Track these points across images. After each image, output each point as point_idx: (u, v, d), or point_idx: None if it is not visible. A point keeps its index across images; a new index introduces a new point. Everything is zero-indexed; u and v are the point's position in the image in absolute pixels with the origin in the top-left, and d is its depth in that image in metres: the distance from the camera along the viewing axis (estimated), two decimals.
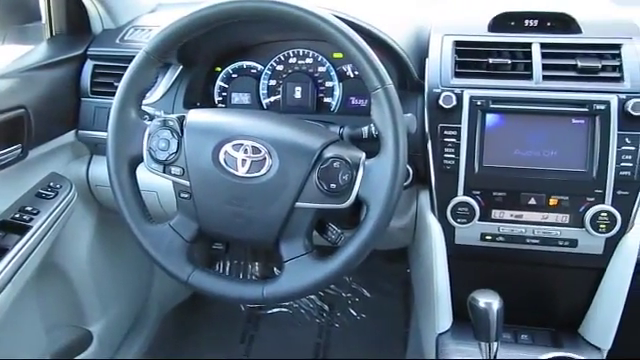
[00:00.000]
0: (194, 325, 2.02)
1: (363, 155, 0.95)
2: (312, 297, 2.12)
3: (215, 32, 1.17)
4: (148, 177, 1.02)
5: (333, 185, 0.93)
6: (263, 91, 1.35)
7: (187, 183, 0.98)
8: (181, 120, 1.00)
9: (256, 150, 0.95)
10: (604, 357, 1.20)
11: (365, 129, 1.04)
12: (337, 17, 0.95)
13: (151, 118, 1.04)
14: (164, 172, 1.00)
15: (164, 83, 1.31)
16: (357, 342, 1.96)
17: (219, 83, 1.36)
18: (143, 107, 1.06)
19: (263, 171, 0.95)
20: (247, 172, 0.95)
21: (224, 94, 1.37)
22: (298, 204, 0.95)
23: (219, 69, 1.36)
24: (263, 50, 1.34)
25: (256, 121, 1.00)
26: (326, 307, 2.10)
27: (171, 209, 1.06)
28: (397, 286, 2.04)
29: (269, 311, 2.09)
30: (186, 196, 1.00)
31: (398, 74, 1.20)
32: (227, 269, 2.18)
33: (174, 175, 0.99)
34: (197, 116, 1.01)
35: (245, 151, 0.95)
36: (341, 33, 0.92)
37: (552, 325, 1.26)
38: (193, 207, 0.99)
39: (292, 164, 0.94)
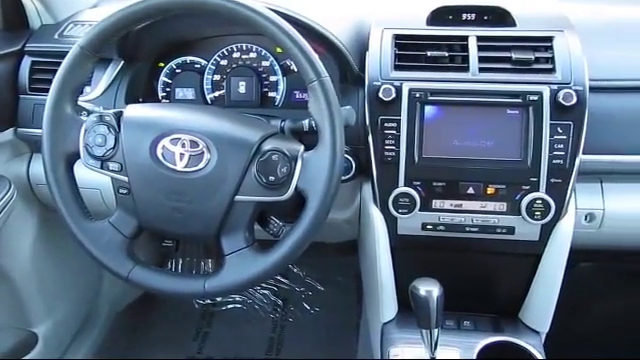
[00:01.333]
0: (146, 324, 2.00)
1: (301, 147, 0.96)
2: (266, 292, 2.12)
3: (156, 27, 1.16)
4: (90, 175, 1.01)
5: (272, 178, 0.94)
6: (207, 86, 1.34)
7: (125, 179, 0.98)
8: (118, 115, 1.00)
9: (194, 144, 0.95)
10: (542, 340, 1.24)
11: (306, 122, 1.05)
12: (273, 10, 0.96)
13: (89, 114, 1.03)
14: (102, 168, 0.99)
15: (105, 79, 1.29)
16: (311, 336, 1.97)
17: (162, 78, 1.35)
18: (81, 103, 1.05)
19: (201, 165, 0.95)
20: (185, 166, 0.95)
21: (168, 89, 1.36)
22: (237, 197, 0.95)
23: (162, 64, 1.35)
24: (206, 45, 1.34)
25: (194, 115, 1.00)
26: (280, 302, 2.11)
27: (115, 206, 1.05)
28: (350, 278, 2.06)
29: (223, 307, 2.08)
30: (125, 192, 0.99)
31: (339, 68, 1.22)
32: (179, 267, 2.16)
33: (112, 171, 0.98)
34: (134, 111, 1.00)
35: (183, 145, 0.95)
36: (276, 26, 0.93)
37: (494, 311, 1.29)
38: (132, 203, 0.99)
39: (230, 157, 0.95)
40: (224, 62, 1.34)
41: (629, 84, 1.18)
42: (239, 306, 2.09)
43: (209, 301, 2.10)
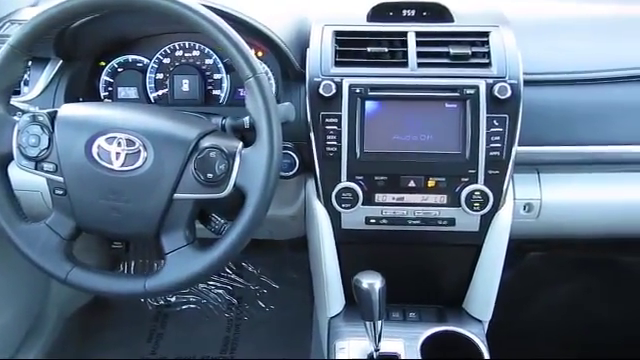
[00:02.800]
0: (99, 327, 1.98)
1: (240, 144, 0.96)
2: (220, 292, 2.12)
3: (94, 25, 1.15)
4: (30, 176, 0.99)
5: (210, 175, 0.94)
6: (150, 85, 1.33)
7: (61, 179, 0.96)
8: (52, 115, 0.98)
9: (130, 143, 0.95)
10: (485, 329, 1.27)
11: (246, 119, 1.05)
12: (209, 7, 0.96)
13: (24, 114, 1.01)
14: (36, 169, 0.97)
15: (43, 79, 1.26)
16: (266, 333, 1.98)
17: (104, 78, 1.33)
18: (16, 103, 1.03)
19: (138, 164, 0.94)
20: (122, 165, 0.95)
21: (110, 89, 1.33)
22: (176, 195, 0.95)
23: (103, 63, 1.33)
24: (148, 43, 1.32)
25: (130, 113, 0.99)
26: (235, 301, 2.10)
27: None
28: (304, 275, 2.06)
29: (177, 308, 2.07)
30: (61, 192, 0.98)
31: (280, 64, 1.22)
32: (132, 269, 2.14)
33: (47, 172, 0.97)
34: (68, 110, 0.99)
35: (119, 144, 0.95)
36: (209, 23, 0.93)
37: (439, 302, 1.32)
38: (69, 203, 0.97)
39: (168, 155, 0.94)
40: (167, 60, 1.32)
41: (563, 77, 1.21)
42: (193, 306, 2.08)
43: (162, 302, 2.09)
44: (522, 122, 1.12)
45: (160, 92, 1.33)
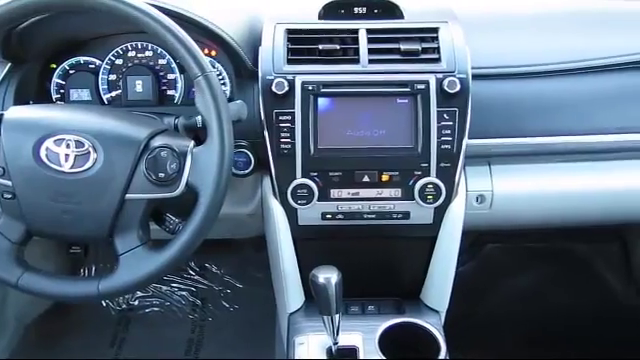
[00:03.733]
0: (60, 333, 1.94)
1: (191, 143, 0.97)
2: (184, 293, 2.10)
3: (42, 26, 1.14)
4: None
5: (162, 174, 0.94)
6: (103, 86, 1.31)
7: (9, 183, 0.95)
8: None
9: (79, 144, 0.94)
10: (442, 319, 1.29)
11: (199, 118, 1.05)
12: (157, 7, 0.96)
13: None
14: None
15: None
16: (230, 333, 1.98)
17: (55, 80, 1.31)
18: None
19: (88, 165, 0.94)
20: (72, 167, 0.94)
21: (62, 91, 1.32)
22: (128, 196, 0.95)
23: (54, 65, 1.31)
24: (100, 44, 1.31)
25: (78, 115, 0.98)
26: (199, 302, 2.09)
27: None
28: (267, 274, 2.06)
29: (140, 312, 2.05)
30: (9, 196, 0.96)
31: (232, 63, 1.22)
32: (92, 273, 2.11)
33: None
34: (15, 113, 0.98)
35: (68, 146, 0.94)
36: (157, 22, 0.93)
37: (398, 294, 1.34)
38: (18, 207, 0.96)
39: (118, 156, 0.94)
40: (119, 61, 1.31)
41: (511, 71, 1.24)
42: (157, 309, 2.06)
43: (125, 306, 2.06)
44: (472, 115, 1.15)
45: (113, 93, 1.31)
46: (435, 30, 1.20)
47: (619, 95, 1.27)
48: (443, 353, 1.17)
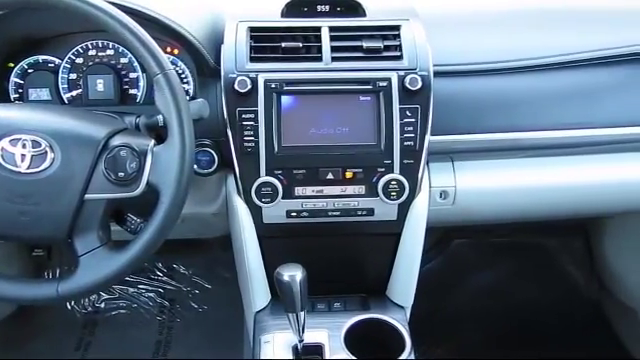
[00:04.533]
0: (24, 338, 1.91)
1: (151, 142, 0.96)
2: (151, 295, 2.08)
3: None
4: None
5: (121, 174, 0.93)
6: (63, 85, 1.29)
7: None
8: None
9: (36, 144, 0.92)
10: (407, 314, 1.30)
11: (160, 117, 1.04)
12: (114, 4, 0.94)
13: None
14: None
15: None
16: (199, 334, 1.96)
17: (13, 79, 1.28)
18: None
19: (45, 165, 0.92)
20: (28, 167, 0.92)
21: (20, 90, 1.29)
22: (87, 196, 0.94)
23: (12, 64, 1.28)
24: (60, 43, 1.28)
25: (35, 114, 0.96)
26: (166, 303, 2.07)
27: None
28: (235, 273, 2.06)
29: (106, 314, 2.02)
30: None
31: (194, 62, 1.21)
32: (57, 276, 2.07)
33: None
34: None
35: (24, 146, 0.92)
36: (115, 20, 0.92)
37: (364, 291, 1.34)
38: None
39: (76, 156, 0.93)
40: (80, 60, 1.29)
41: (472, 68, 1.26)
42: (124, 311, 2.04)
43: (91, 309, 2.03)
44: (435, 112, 1.16)
45: (74, 93, 1.29)
46: (397, 28, 1.21)
47: (576, 91, 1.29)
48: (408, 348, 1.18)
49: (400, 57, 1.18)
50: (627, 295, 1.91)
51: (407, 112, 1.15)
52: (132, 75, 1.29)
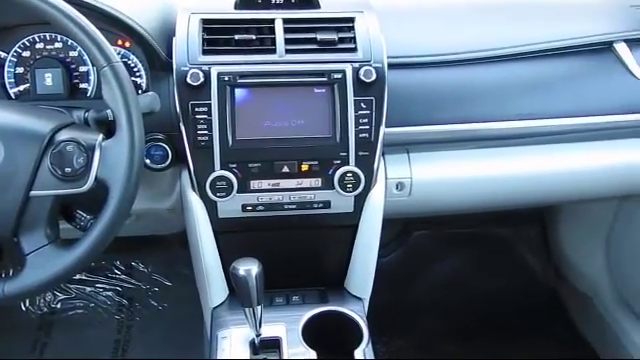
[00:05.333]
0: None
1: (99, 137, 0.93)
2: (109, 294, 2.05)
3: None
4: None
5: (68, 169, 0.91)
6: (9, 80, 1.25)
7: None
8: None
9: None
10: (366, 306, 1.31)
11: (109, 111, 1.01)
12: None
13: None
14: None
15: None
16: (159, 333, 1.94)
17: None
18: None
19: None
20: None
21: None
22: (33, 192, 0.91)
23: None
24: (4, 35, 1.24)
25: None
26: (125, 302, 2.04)
27: None
28: None
29: (63, 315, 1.98)
30: None
31: (145, 55, 1.19)
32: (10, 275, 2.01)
33: None
34: None
35: None
36: (57, 11, 0.89)
37: (322, 284, 1.34)
38: None
39: (20, 151, 0.90)
40: (26, 53, 1.25)
41: (426, 60, 1.27)
42: (81, 311, 2.00)
43: (47, 310, 1.99)
44: (390, 104, 1.16)
45: (21, 87, 1.25)
46: (351, 20, 1.21)
47: (531, 82, 1.31)
48: (365, 339, 1.18)
49: (354, 49, 1.17)
50: (582, 282, 1.96)
51: (362, 104, 1.15)
52: (82, 69, 1.26)
